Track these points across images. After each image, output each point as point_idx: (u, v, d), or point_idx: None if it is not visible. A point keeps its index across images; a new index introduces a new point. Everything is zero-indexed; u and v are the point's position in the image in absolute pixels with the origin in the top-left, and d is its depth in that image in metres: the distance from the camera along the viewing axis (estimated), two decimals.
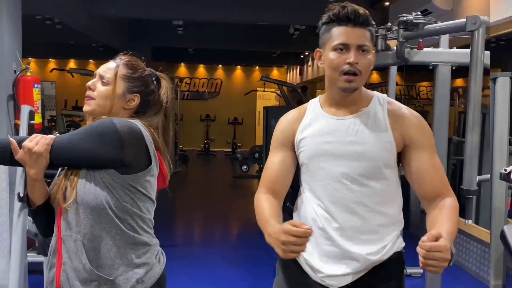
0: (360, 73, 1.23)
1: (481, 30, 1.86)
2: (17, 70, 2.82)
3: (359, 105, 1.30)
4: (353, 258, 1.26)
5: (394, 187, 1.31)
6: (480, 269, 3.69)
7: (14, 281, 2.20)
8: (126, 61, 1.36)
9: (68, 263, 1.23)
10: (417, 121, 1.30)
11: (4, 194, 2.76)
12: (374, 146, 1.26)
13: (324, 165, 1.29)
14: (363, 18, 1.23)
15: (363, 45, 1.22)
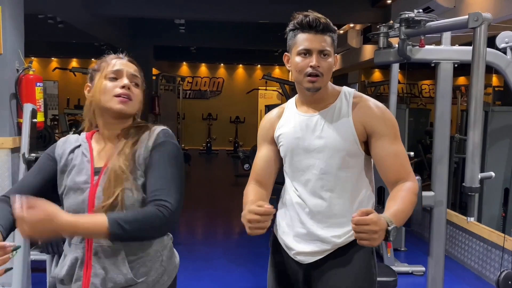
0: (322, 75, 1.36)
1: (483, 27, 1.85)
2: (19, 69, 2.84)
3: (326, 101, 1.42)
4: (320, 239, 1.40)
5: (361, 174, 1.42)
6: (483, 267, 3.68)
7: (18, 278, 2.21)
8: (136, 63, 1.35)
9: (101, 274, 1.19)
10: (379, 111, 1.39)
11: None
12: (338, 139, 1.38)
13: (297, 158, 1.43)
14: (324, 25, 1.36)
15: (323, 50, 1.36)
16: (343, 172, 1.39)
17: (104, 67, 1.27)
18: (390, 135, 1.38)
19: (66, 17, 5.65)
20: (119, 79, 1.26)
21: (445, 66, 2.33)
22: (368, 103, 1.41)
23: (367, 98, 1.44)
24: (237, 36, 8.51)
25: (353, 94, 1.44)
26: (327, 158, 1.39)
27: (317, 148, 1.40)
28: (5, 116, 2.77)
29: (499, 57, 2.36)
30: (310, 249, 1.40)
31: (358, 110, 1.40)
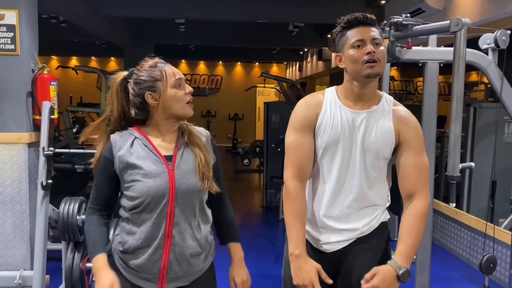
0: (379, 60, 1.44)
1: (463, 31, 2.04)
2: (35, 69, 3.01)
3: (371, 102, 1.51)
4: (344, 232, 1.53)
5: (386, 175, 1.54)
6: (470, 254, 3.90)
7: (39, 263, 2.40)
8: None
9: (180, 243, 1.45)
10: (414, 122, 1.51)
11: (24, 185, 2.95)
12: (380, 141, 1.48)
13: (338, 152, 1.49)
14: (371, 19, 1.48)
15: (376, 38, 1.45)
16: (375, 173, 1.50)
17: (165, 76, 1.45)
18: (417, 147, 1.49)
19: (70, 17, 5.80)
20: (182, 86, 1.47)
21: (432, 66, 2.52)
22: (406, 113, 1.53)
23: (404, 109, 1.55)
24: (235, 34, 8.67)
25: (393, 101, 1.55)
26: (366, 157, 1.48)
27: (359, 146, 1.48)
28: (22, 113, 2.94)
29: (481, 57, 2.54)
30: (335, 240, 1.52)
31: (397, 117, 1.50)
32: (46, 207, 2.44)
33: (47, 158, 2.41)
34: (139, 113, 1.49)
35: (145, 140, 1.47)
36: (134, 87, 1.47)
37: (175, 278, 1.48)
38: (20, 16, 2.91)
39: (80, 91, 10.16)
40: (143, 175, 1.42)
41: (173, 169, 1.45)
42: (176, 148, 1.49)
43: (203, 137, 1.55)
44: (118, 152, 1.45)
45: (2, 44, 2.89)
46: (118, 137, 1.48)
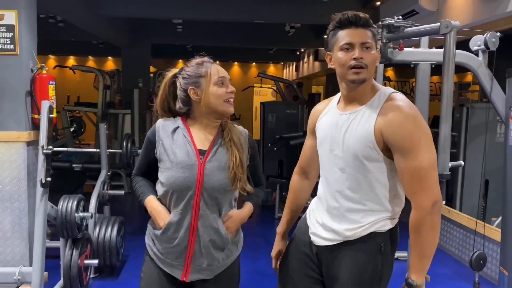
0: (366, 66, 1.38)
1: (453, 33, 2.11)
2: (33, 68, 3.05)
3: (362, 101, 1.44)
4: (333, 231, 1.51)
5: (381, 178, 1.42)
6: (462, 252, 3.97)
7: (38, 259, 2.44)
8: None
9: (204, 236, 1.52)
10: (400, 123, 1.35)
11: (23, 183, 2.99)
12: (356, 142, 1.41)
13: (324, 153, 1.52)
14: (363, 20, 1.41)
15: (365, 42, 1.39)
16: (360, 175, 1.42)
17: (209, 73, 1.55)
18: (404, 149, 1.34)
19: (68, 17, 5.83)
20: (225, 85, 1.55)
21: (423, 67, 2.59)
22: (394, 110, 1.37)
23: (398, 104, 1.38)
24: (232, 34, 8.71)
25: (389, 96, 1.42)
26: (346, 159, 1.43)
27: (338, 148, 1.45)
28: (21, 112, 2.98)
29: (472, 58, 2.62)
30: (324, 236, 1.51)
31: (382, 115, 1.38)
32: (45, 204, 2.49)
33: (46, 156, 2.46)
34: (183, 106, 1.59)
35: (186, 131, 1.57)
36: (181, 82, 1.58)
37: (199, 270, 1.55)
38: (20, 16, 2.94)
39: (78, 90, 10.18)
40: (175, 164, 1.51)
41: (203, 163, 1.52)
42: (212, 143, 1.56)
43: (241, 136, 1.62)
44: (162, 138, 1.56)
45: (2, 44, 2.93)
46: (163, 122, 1.60)
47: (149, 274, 1.58)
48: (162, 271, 1.57)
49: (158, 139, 1.57)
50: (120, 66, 9.43)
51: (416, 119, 1.37)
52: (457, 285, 3.57)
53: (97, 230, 3.29)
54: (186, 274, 1.55)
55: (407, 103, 1.40)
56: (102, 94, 7.09)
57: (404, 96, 1.45)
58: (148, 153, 1.60)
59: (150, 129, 1.62)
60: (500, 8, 3.40)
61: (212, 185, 1.51)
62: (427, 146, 1.36)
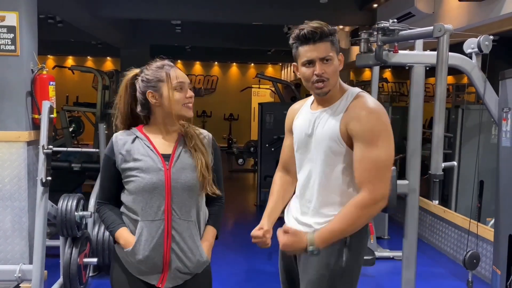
0: (328, 79, 1.49)
1: (446, 36, 2.16)
2: (34, 69, 3.09)
3: (332, 101, 1.55)
4: (305, 224, 1.59)
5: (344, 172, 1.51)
6: (457, 252, 4.02)
7: (38, 256, 2.48)
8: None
9: (180, 242, 1.52)
10: (365, 117, 1.46)
11: (23, 182, 3.03)
12: (325, 137, 1.51)
13: (299, 150, 1.61)
14: (320, 34, 1.46)
15: (324, 57, 1.47)
16: (329, 168, 1.52)
17: (167, 78, 1.54)
18: (365, 140, 1.44)
19: (67, 18, 5.87)
20: (184, 89, 1.54)
21: (418, 69, 2.63)
22: (359, 106, 1.48)
23: (364, 101, 1.49)
24: (231, 35, 8.76)
25: (356, 95, 1.52)
26: (317, 155, 1.53)
27: (310, 144, 1.56)
28: (22, 112, 3.02)
29: (465, 61, 2.66)
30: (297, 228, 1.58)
31: (349, 111, 1.49)
32: (45, 202, 2.52)
33: (47, 156, 2.50)
34: (142, 110, 1.58)
35: (145, 139, 1.56)
36: (140, 84, 1.56)
37: (175, 277, 1.55)
38: (21, 17, 2.98)
39: (77, 90, 10.20)
40: (140, 171, 1.50)
41: (169, 168, 1.52)
42: (175, 147, 1.56)
43: (204, 138, 1.62)
44: (120, 151, 1.53)
45: (3, 45, 2.97)
46: (120, 136, 1.57)
47: (120, 284, 1.56)
48: (135, 279, 1.55)
49: (117, 152, 1.54)
50: (119, 66, 9.47)
51: (380, 115, 1.47)
52: (452, 284, 3.62)
53: (96, 229, 3.32)
54: (163, 281, 1.55)
55: (372, 100, 1.51)
56: (101, 94, 7.11)
57: (370, 95, 1.55)
58: (110, 172, 1.56)
59: (107, 147, 1.58)
60: (494, 11, 3.46)
61: (182, 187, 1.51)
62: (387, 141, 1.46)
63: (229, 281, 3.43)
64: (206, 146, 1.61)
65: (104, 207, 1.59)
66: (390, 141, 1.48)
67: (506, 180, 2.53)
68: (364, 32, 2.69)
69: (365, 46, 2.67)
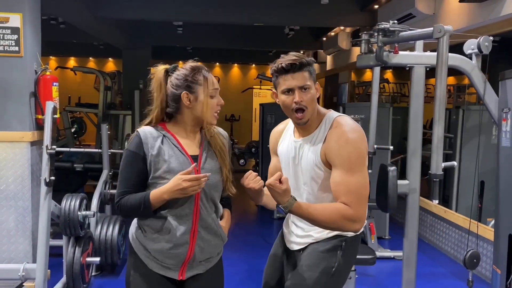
0: (307, 108, 1.59)
1: (445, 37, 2.17)
2: (37, 70, 3.12)
3: (311, 128, 1.66)
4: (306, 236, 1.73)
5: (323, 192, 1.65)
6: (457, 252, 4.03)
7: (42, 255, 2.50)
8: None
9: (204, 237, 1.58)
10: (340, 143, 1.57)
11: (27, 182, 3.06)
12: (309, 165, 1.64)
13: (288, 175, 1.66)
14: (299, 65, 1.57)
15: (303, 86, 1.58)
16: (320, 193, 1.65)
17: (204, 83, 1.57)
18: (342, 167, 1.55)
19: (70, 19, 5.90)
20: (216, 97, 1.58)
21: (418, 70, 2.65)
22: (337, 134, 1.58)
23: (341, 130, 1.59)
24: (232, 37, 8.78)
25: (333, 122, 1.62)
26: (305, 179, 1.67)
27: (297, 172, 1.69)
28: (25, 113, 3.05)
29: (465, 62, 2.67)
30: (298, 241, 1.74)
31: (327, 141, 1.60)
32: (49, 202, 2.55)
33: (50, 156, 2.52)
34: (171, 106, 1.57)
35: (173, 139, 1.57)
36: (174, 81, 1.56)
37: (195, 266, 1.61)
38: (24, 19, 3.01)
39: (79, 91, 10.23)
40: (173, 174, 1.51)
41: (199, 169, 1.56)
42: (201, 148, 1.60)
43: (224, 139, 1.68)
44: (150, 150, 1.53)
45: (7, 46, 3.00)
46: (148, 133, 1.56)
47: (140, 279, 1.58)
48: (153, 273, 1.57)
49: (147, 151, 1.52)
50: (120, 67, 9.49)
51: (356, 143, 1.57)
52: (452, 283, 3.63)
53: (99, 228, 3.35)
54: (183, 273, 1.59)
55: (349, 127, 1.60)
56: (103, 95, 7.15)
57: (348, 119, 1.64)
58: (138, 167, 1.53)
59: (132, 142, 1.55)
60: (494, 12, 3.47)
61: (209, 187, 1.57)
62: (364, 167, 1.59)
63: (232, 280, 3.45)
64: (227, 146, 1.67)
65: (125, 197, 1.54)
66: (365, 166, 1.61)
67: (506, 180, 2.55)
68: (364, 33, 2.71)
69: (365, 47, 2.68)
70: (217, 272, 1.69)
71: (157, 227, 1.54)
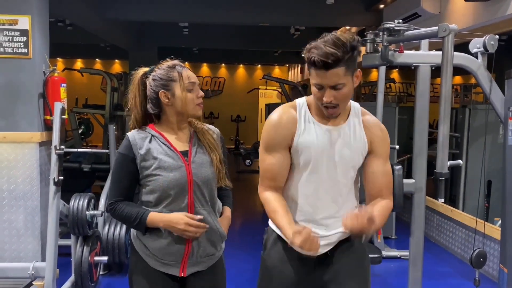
0: (338, 105, 1.46)
1: (451, 36, 2.17)
2: (46, 71, 3.16)
3: (342, 117, 1.55)
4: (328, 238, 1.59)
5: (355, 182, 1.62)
6: (464, 252, 4.01)
7: (51, 253, 2.54)
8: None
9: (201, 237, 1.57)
10: (382, 132, 1.59)
11: (36, 182, 3.10)
12: (355, 154, 1.55)
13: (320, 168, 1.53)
14: (332, 61, 1.37)
15: (335, 86, 1.42)
16: (351, 182, 1.60)
17: (179, 78, 1.58)
18: (385, 156, 1.59)
19: (76, 21, 5.95)
20: (194, 90, 1.59)
21: (423, 69, 2.65)
22: (375, 123, 1.60)
23: (372, 117, 1.62)
24: (238, 37, 8.80)
25: (361, 111, 1.61)
26: (344, 170, 1.56)
27: (338, 161, 1.54)
28: (34, 113, 3.09)
29: (471, 60, 2.67)
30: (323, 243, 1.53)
31: (367, 129, 1.58)
32: (57, 201, 2.58)
33: (59, 156, 2.55)
34: (153, 108, 1.61)
35: (161, 137, 1.60)
36: (151, 83, 1.59)
37: (196, 263, 1.62)
38: (33, 21, 3.05)
39: (86, 92, 10.32)
40: (163, 169, 1.55)
41: (189, 163, 1.59)
42: (190, 144, 1.62)
43: (213, 134, 1.69)
44: (139, 150, 1.56)
45: (16, 48, 3.04)
46: (136, 135, 1.60)
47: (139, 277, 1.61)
48: (155, 271, 1.60)
49: (136, 152, 1.55)
50: (127, 68, 9.55)
51: (386, 131, 1.62)
52: (459, 283, 3.62)
53: (107, 228, 3.38)
54: (184, 270, 1.61)
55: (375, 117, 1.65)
56: (109, 96, 7.19)
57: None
58: (128, 170, 1.56)
59: (122, 145, 1.58)
60: (500, 11, 3.46)
61: (202, 180, 1.58)
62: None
63: (237, 279, 3.47)
64: (217, 141, 1.68)
65: (121, 203, 1.57)
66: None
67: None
68: (370, 32, 2.72)
69: (371, 46, 2.69)
70: (219, 270, 1.69)
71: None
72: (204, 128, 1.68)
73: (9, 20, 3.02)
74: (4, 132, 3.05)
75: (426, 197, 2.77)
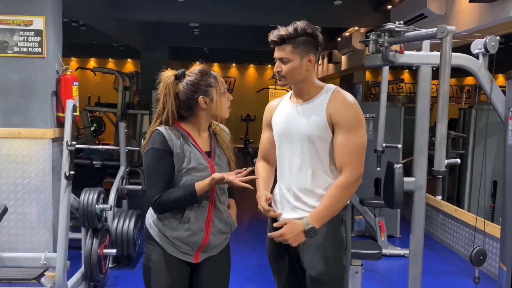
0: (285, 77, 1.74)
1: (449, 37, 2.22)
2: (59, 70, 3.28)
3: (310, 94, 1.77)
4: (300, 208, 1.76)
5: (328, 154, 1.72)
6: (468, 251, 4.03)
7: (62, 244, 2.64)
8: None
9: (218, 225, 1.73)
10: (345, 106, 1.70)
11: (48, 176, 3.22)
12: (314, 126, 1.71)
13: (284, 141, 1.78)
14: (280, 39, 1.70)
15: (281, 58, 1.72)
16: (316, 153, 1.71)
17: (216, 84, 1.71)
18: (347, 127, 1.67)
19: (90, 21, 6.09)
20: (226, 94, 1.73)
21: (425, 69, 2.69)
22: (340, 98, 1.72)
23: (343, 94, 1.74)
24: (248, 37, 8.88)
25: (334, 90, 1.76)
26: (303, 142, 1.72)
27: (298, 134, 1.73)
28: (47, 110, 3.21)
29: (472, 61, 2.71)
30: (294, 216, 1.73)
31: (331, 103, 1.72)
32: (68, 195, 2.69)
33: (70, 152, 2.66)
34: (186, 111, 1.70)
35: (189, 138, 1.71)
36: (187, 88, 1.66)
37: (208, 250, 1.76)
38: (47, 22, 3.17)
39: (98, 91, 10.49)
40: (194, 170, 1.67)
41: (212, 164, 1.72)
42: (211, 145, 1.75)
43: (227, 135, 1.84)
44: (175, 147, 1.65)
45: (31, 48, 3.16)
46: (170, 131, 1.67)
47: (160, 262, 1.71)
48: (171, 257, 1.72)
49: (172, 147, 1.63)
50: (139, 68, 9.70)
51: (357, 107, 1.72)
52: (460, 281, 3.65)
53: (116, 222, 3.49)
54: (198, 257, 1.76)
55: (349, 95, 1.76)
56: (121, 95, 7.34)
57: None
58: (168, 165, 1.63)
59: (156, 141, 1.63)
60: (505, 12, 3.48)
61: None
62: (363, 130, 1.73)
63: (242, 274, 3.55)
64: (230, 142, 1.82)
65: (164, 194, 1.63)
66: (364, 129, 1.75)
67: None
68: (372, 33, 2.77)
69: (373, 47, 2.74)
70: (226, 253, 1.84)
71: (178, 216, 1.69)
72: (219, 128, 1.80)
73: (24, 21, 3.14)
74: (19, 128, 3.18)
75: (431, 197, 2.82)
